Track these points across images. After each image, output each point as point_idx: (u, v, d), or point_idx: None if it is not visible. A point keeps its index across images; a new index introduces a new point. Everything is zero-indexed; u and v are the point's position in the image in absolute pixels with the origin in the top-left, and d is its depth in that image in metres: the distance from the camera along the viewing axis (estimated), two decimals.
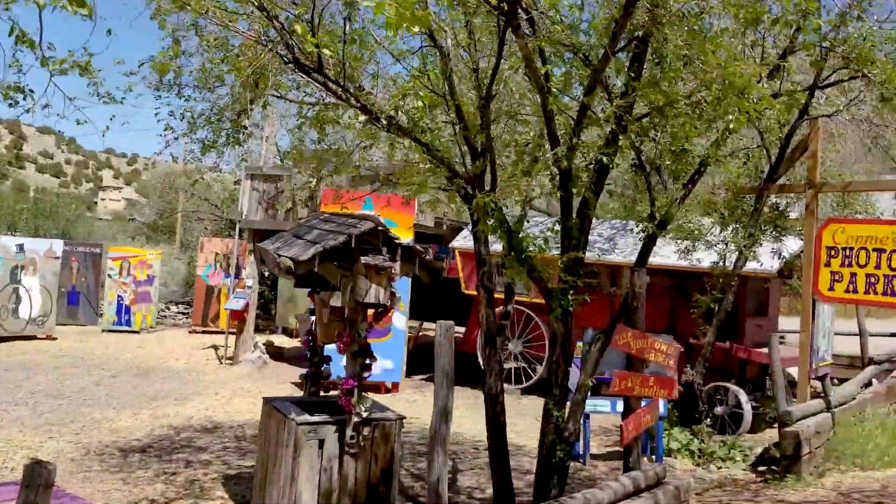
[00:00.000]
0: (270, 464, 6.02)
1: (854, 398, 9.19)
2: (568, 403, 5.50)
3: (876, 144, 9.93)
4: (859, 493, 7.06)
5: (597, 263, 12.00)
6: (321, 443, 5.62)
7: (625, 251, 11.84)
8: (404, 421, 5.74)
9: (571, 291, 4.99)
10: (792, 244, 10.23)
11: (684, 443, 8.68)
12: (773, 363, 8.39)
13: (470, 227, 6.36)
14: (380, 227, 5.66)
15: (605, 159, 4.77)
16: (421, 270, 5.87)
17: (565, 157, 4.55)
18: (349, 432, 5.62)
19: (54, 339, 15.87)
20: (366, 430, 5.70)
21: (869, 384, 10.68)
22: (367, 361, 5.78)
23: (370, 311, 5.88)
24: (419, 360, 15.57)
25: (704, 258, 9.46)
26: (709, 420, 9.38)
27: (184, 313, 21.05)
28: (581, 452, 8.28)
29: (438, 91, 5.06)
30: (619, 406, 8.40)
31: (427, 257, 5.80)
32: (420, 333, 17.05)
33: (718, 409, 10.52)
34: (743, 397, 10.57)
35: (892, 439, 8.32)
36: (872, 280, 7.99)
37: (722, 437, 10.18)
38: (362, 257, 5.46)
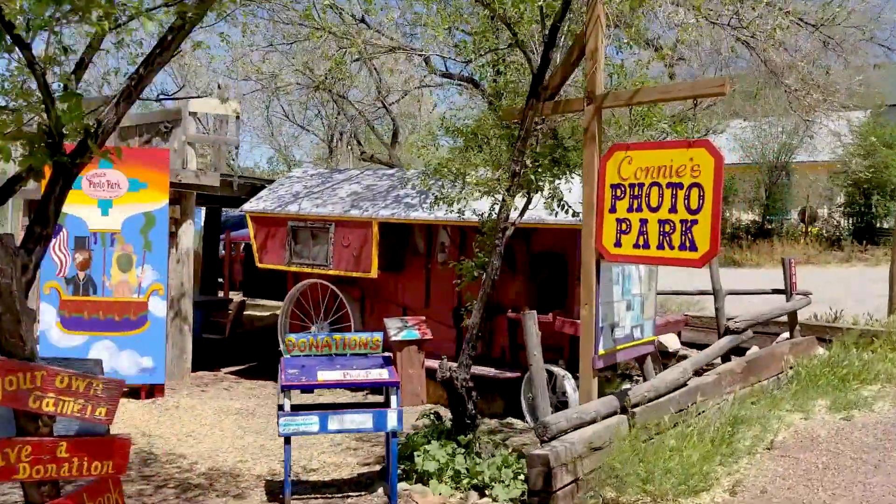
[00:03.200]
0: None
1: (685, 385, 6.84)
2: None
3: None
4: None
5: (403, 223, 9.60)
6: None
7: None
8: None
9: None
10: None
11: (443, 462, 6.33)
12: (529, 349, 6.01)
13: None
14: None
15: None
16: None
17: None
18: None
19: None
20: None
21: (729, 358, 8.37)
22: None
23: None
24: (240, 345, 13.40)
25: (482, 208, 7.04)
26: (483, 425, 7.04)
27: None
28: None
29: None
30: (334, 423, 6.08)
31: None
32: (242, 311, 14.92)
33: None
34: (570, 384, 8.27)
35: (713, 446, 5.98)
36: (667, 229, 5.59)
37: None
38: None
